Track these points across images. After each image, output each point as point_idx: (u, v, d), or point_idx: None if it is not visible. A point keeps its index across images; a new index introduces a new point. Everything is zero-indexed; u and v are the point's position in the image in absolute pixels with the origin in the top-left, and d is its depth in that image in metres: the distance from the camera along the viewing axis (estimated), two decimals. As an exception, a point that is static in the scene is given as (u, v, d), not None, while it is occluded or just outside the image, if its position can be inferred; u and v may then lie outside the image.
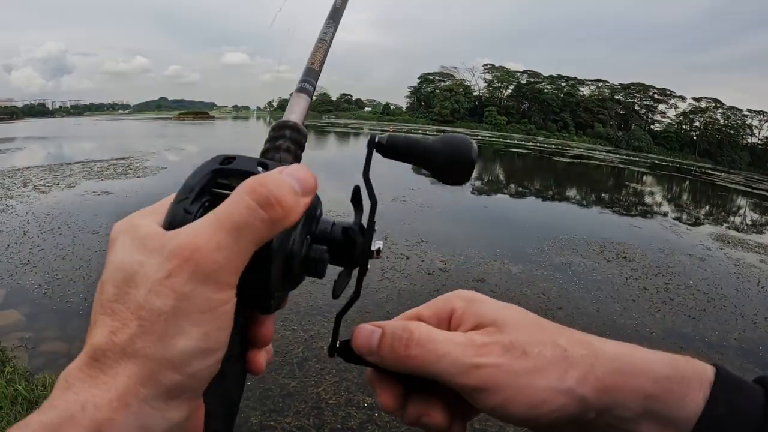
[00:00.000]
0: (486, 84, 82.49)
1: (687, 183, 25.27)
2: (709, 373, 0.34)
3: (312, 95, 0.41)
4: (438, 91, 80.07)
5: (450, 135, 0.38)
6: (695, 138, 76.65)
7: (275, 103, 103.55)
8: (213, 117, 75.44)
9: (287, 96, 0.44)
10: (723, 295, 5.69)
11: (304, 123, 0.38)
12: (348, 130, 40.76)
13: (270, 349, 0.37)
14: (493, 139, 44.80)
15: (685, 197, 19.04)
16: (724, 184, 27.55)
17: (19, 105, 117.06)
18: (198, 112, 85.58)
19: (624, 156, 44.73)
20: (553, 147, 42.69)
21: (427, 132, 38.49)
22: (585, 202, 13.22)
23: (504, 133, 63.19)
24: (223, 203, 0.28)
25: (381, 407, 0.38)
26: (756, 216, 15.39)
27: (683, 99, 78.33)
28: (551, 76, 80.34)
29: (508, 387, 0.33)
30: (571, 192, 15.36)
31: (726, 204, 18.12)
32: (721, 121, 76.07)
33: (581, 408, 0.33)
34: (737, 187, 26.06)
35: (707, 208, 16.13)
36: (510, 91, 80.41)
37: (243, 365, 0.35)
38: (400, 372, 0.36)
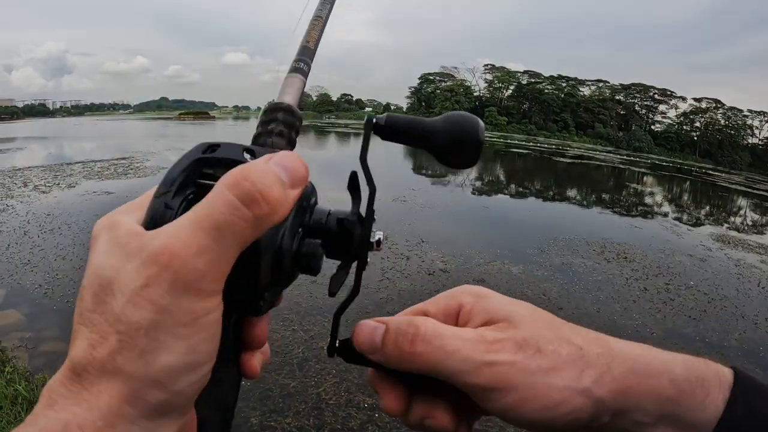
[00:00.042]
0: (486, 84, 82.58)
1: (687, 183, 25.24)
2: (728, 376, 0.33)
3: (307, 75, 0.38)
4: (438, 92, 79.99)
5: (455, 113, 0.35)
6: (696, 138, 76.65)
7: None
8: (213, 117, 75.34)
9: None
10: (723, 296, 5.68)
11: (298, 105, 0.36)
12: (348, 130, 40.75)
13: (266, 351, 0.35)
14: (494, 140, 44.75)
15: (686, 198, 19.02)
16: (724, 184, 27.51)
17: (20, 105, 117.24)
18: (198, 112, 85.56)
19: (624, 156, 44.70)
20: (554, 147, 42.67)
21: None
22: (585, 202, 13.21)
23: (504, 134, 63.18)
24: (203, 200, 0.25)
25: (384, 410, 0.36)
26: (757, 216, 15.37)
27: (684, 99, 78.39)
28: (552, 76, 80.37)
29: (522, 386, 0.31)
30: (572, 192, 15.35)
31: (726, 204, 18.10)
32: (722, 122, 76.08)
33: (597, 410, 0.31)
34: (738, 188, 26.02)
35: (708, 208, 16.10)
36: (510, 92, 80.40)
37: (237, 369, 0.33)
38: (404, 371, 0.34)
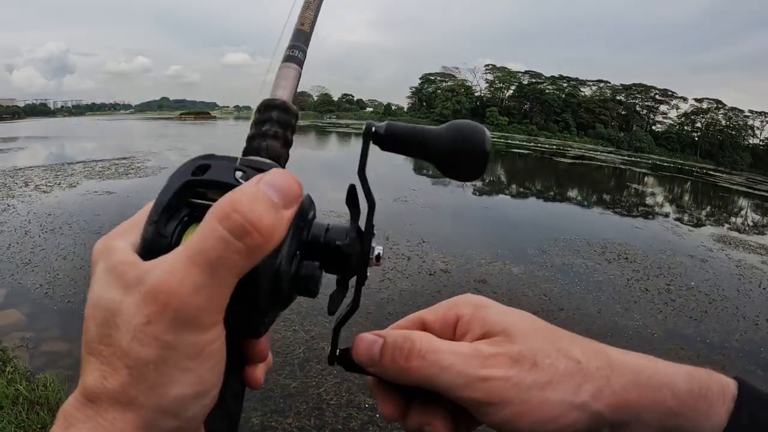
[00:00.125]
0: (487, 84, 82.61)
1: (688, 184, 25.21)
2: (732, 387, 0.33)
3: (302, 64, 0.34)
4: (439, 92, 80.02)
5: (459, 121, 0.33)
6: (697, 139, 76.62)
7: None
8: (215, 117, 75.39)
9: None
10: (724, 297, 5.68)
11: (294, 100, 0.33)
12: (349, 130, 40.75)
13: (269, 361, 0.36)
14: (495, 140, 44.72)
15: (687, 198, 19.01)
16: (725, 185, 27.50)
17: (21, 105, 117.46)
18: (199, 112, 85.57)
19: (625, 157, 44.70)
20: (555, 148, 42.67)
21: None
22: (586, 202, 13.21)
23: (505, 134, 63.16)
24: (196, 233, 0.25)
25: (383, 416, 0.37)
26: (757, 217, 15.37)
27: (685, 100, 78.38)
28: (553, 76, 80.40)
29: (517, 401, 0.31)
30: (573, 193, 15.34)
31: (727, 205, 18.08)
32: (723, 122, 76.03)
33: (595, 423, 0.32)
34: (739, 188, 26.01)
35: (709, 209, 16.08)
36: (511, 92, 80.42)
37: (241, 381, 0.34)
38: (402, 383, 0.34)
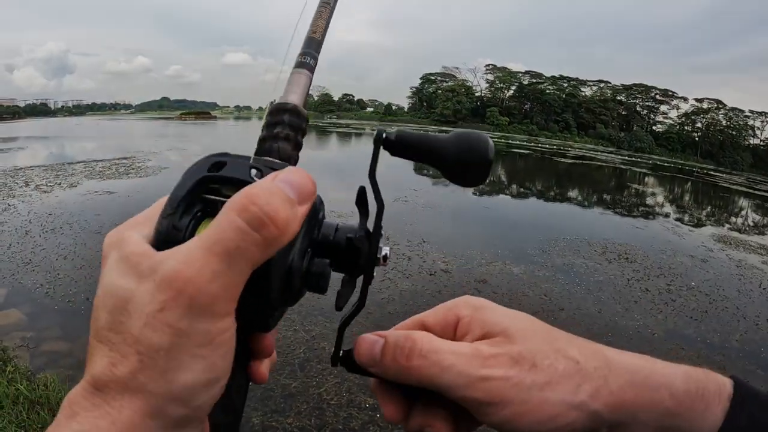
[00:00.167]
0: (488, 84, 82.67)
1: (689, 184, 25.20)
2: (728, 387, 0.33)
3: (313, 70, 0.36)
4: (440, 92, 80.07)
5: (464, 131, 0.35)
6: (697, 139, 76.63)
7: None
8: (215, 117, 75.39)
9: None
10: (725, 297, 5.68)
11: (305, 104, 0.34)
12: (350, 130, 40.77)
13: (274, 358, 0.36)
14: (495, 140, 44.71)
15: (687, 198, 18.99)
16: (726, 185, 27.48)
17: (21, 105, 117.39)
18: (200, 112, 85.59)
19: (626, 157, 44.67)
20: (555, 148, 42.67)
21: (430, 131, 38.43)
22: (587, 202, 13.20)
23: (506, 134, 63.12)
24: (213, 224, 0.26)
25: (385, 418, 0.37)
26: (758, 217, 15.36)
27: (685, 100, 78.43)
28: (553, 76, 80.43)
29: (516, 401, 0.31)
30: (573, 193, 15.34)
31: (728, 205, 18.08)
32: (723, 122, 76.03)
33: (593, 423, 0.32)
34: (739, 189, 25.99)
35: (709, 209, 16.08)
36: (512, 92, 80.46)
37: (246, 376, 0.34)
38: (403, 383, 0.34)
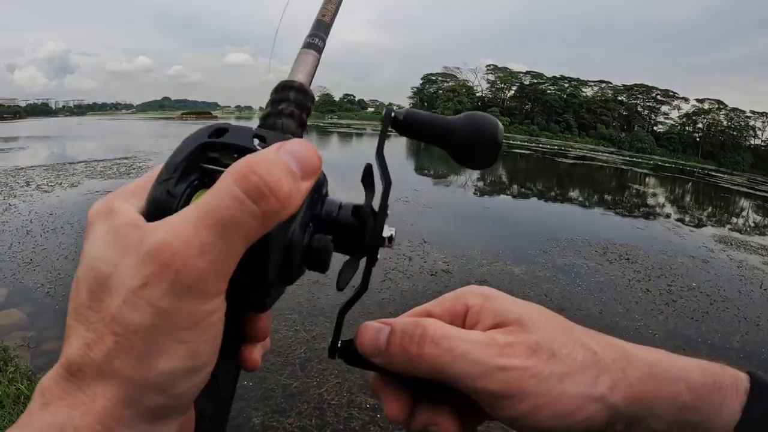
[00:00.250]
0: (489, 85, 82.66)
1: (690, 184, 25.17)
2: (745, 381, 0.32)
3: (321, 52, 0.36)
4: (441, 92, 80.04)
5: (474, 113, 0.34)
6: (698, 139, 76.58)
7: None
8: (216, 117, 75.30)
9: None
10: (725, 297, 5.67)
11: (310, 84, 0.34)
12: (350, 130, 40.76)
13: (267, 343, 0.33)
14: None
15: (688, 199, 18.97)
16: (727, 185, 27.45)
17: (23, 104, 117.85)
18: (201, 112, 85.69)
19: (627, 157, 44.63)
20: (556, 148, 42.63)
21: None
22: (588, 203, 13.19)
23: (507, 134, 63.08)
24: (208, 193, 0.24)
25: (387, 417, 0.34)
26: (759, 218, 15.32)
27: (686, 100, 78.36)
28: (554, 76, 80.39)
29: (535, 393, 0.29)
30: (574, 193, 15.32)
31: (729, 206, 18.05)
32: (724, 123, 76.01)
33: (611, 417, 0.30)
34: (740, 189, 25.96)
35: (710, 209, 16.06)
36: (513, 92, 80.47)
37: (236, 362, 0.32)
38: (410, 375, 0.32)
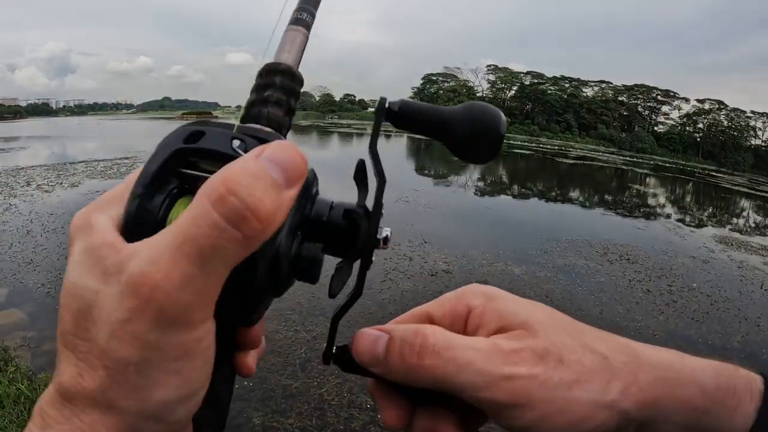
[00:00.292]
0: (489, 85, 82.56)
1: (690, 185, 25.15)
2: (758, 383, 0.31)
3: (310, 28, 0.32)
4: (441, 92, 79.93)
5: (473, 103, 0.32)
6: (699, 140, 76.47)
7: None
8: (216, 117, 75.24)
9: None
10: (726, 298, 5.66)
11: (299, 64, 0.31)
12: (350, 130, 40.74)
13: (262, 347, 0.33)
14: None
15: (689, 199, 18.96)
16: (727, 186, 27.43)
17: (23, 104, 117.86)
18: (201, 111, 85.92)
19: (627, 157, 44.59)
20: (557, 148, 42.60)
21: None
22: (588, 203, 13.18)
23: (507, 134, 62.13)
24: (185, 214, 0.22)
25: (384, 424, 0.33)
26: (759, 218, 15.31)
27: (687, 100, 78.26)
28: (554, 77, 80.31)
29: (544, 402, 0.28)
30: (575, 193, 15.31)
31: (729, 206, 18.04)
32: (725, 123, 75.92)
33: (621, 423, 0.29)
34: (741, 189, 25.94)
35: (710, 210, 16.05)
36: (513, 92, 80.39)
37: (231, 368, 0.32)
38: (409, 385, 0.31)
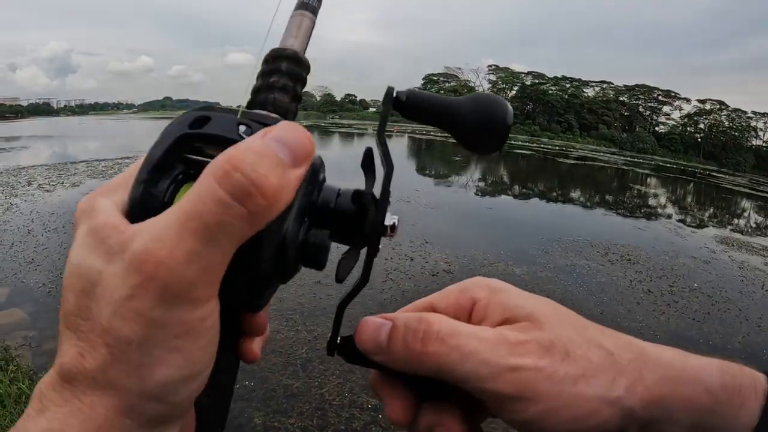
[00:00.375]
0: (490, 85, 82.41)
1: (691, 185, 25.14)
2: (763, 381, 0.31)
3: (317, 13, 0.32)
4: (442, 92, 79.78)
5: (481, 94, 0.32)
6: (700, 140, 76.37)
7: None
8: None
9: None
10: (727, 298, 5.66)
11: (305, 50, 0.31)
12: (351, 130, 40.74)
13: (266, 334, 0.33)
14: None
15: (690, 200, 18.95)
16: (728, 186, 27.42)
17: (24, 104, 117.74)
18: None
19: (628, 158, 44.59)
20: (558, 148, 42.59)
21: (431, 132, 38.38)
22: (589, 203, 13.18)
23: (508, 135, 62.95)
24: (190, 192, 0.22)
25: (389, 419, 0.32)
26: (760, 219, 15.31)
27: (688, 101, 78.15)
28: (555, 77, 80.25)
29: (549, 395, 0.28)
30: (576, 193, 15.30)
31: (730, 206, 18.03)
32: (726, 124, 75.82)
33: (625, 421, 0.29)
34: (741, 190, 25.93)
35: (712, 210, 16.04)
36: (514, 93, 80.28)
37: (235, 355, 0.31)
38: (413, 374, 0.30)
